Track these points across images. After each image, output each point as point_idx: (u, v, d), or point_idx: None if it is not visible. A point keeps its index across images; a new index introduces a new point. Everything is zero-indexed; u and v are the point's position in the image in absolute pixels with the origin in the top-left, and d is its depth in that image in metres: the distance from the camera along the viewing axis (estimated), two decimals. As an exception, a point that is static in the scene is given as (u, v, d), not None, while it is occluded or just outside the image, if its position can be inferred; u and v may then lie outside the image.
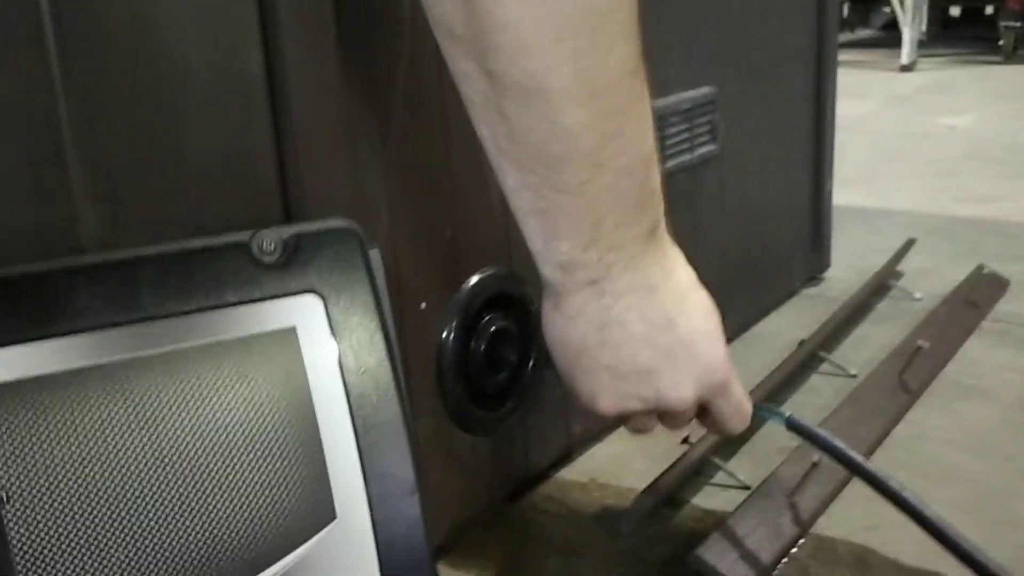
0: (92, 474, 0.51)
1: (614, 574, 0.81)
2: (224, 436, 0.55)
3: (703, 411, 0.67)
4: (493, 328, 0.83)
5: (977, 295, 1.33)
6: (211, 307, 0.57)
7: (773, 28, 1.29)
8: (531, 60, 0.52)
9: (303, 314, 0.59)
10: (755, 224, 1.30)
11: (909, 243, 1.52)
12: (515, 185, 0.58)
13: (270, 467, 0.56)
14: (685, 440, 0.91)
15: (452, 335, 0.79)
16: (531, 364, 0.87)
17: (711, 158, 1.15)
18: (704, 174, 1.15)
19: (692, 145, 1.11)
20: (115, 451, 0.52)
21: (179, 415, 0.54)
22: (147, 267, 0.56)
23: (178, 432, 0.54)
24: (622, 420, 0.67)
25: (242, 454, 0.56)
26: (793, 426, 0.72)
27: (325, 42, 0.65)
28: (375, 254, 0.64)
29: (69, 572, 0.49)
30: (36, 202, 0.54)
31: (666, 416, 0.66)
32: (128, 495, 0.51)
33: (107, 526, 0.51)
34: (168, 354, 0.55)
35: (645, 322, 0.61)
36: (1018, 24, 4.31)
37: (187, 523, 0.53)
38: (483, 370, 0.82)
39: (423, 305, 0.77)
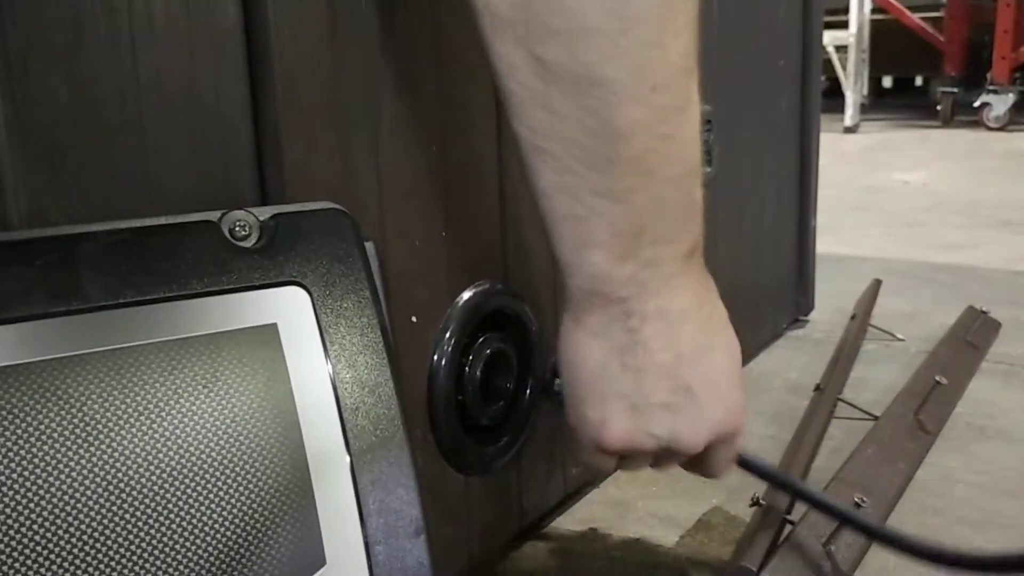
0: (16, 504, 0.39)
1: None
2: (185, 458, 0.43)
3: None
4: (489, 350, 0.72)
5: (974, 336, 1.27)
6: (172, 297, 0.45)
7: (763, 53, 1.23)
8: (591, 49, 0.46)
9: (285, 309, 0.48)
10: (746, 259, 1.22)
11: (877, 284, 1.48)
12: (550, 188, 0.51)
13: (243, 500, 0.44)
14: (755, 503, 0.80)
15: (446, 357, 0.68)
16: (528, 393, 0.76)
17: (705, 181, 1.07)
18: (699, 198, 1.07)
19: (688, 166, 1.03)
20: (47, 471, 0.40)
21: (127, 430, 0.42)
22: (91, 246, 0.44)
23: (126, 453, 0.42)
24: (622, 456, 0.59)
25: (207, 483, 0.44)
26: (744, 463, 0.66)
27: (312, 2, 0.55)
28: (370, 247, 0.54)
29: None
30: (-50, 161, 0.43)
31: (668, 457, 0.59)
32: (61, 527, 0.39)
33: (33, 572, 0.38)
34: (115, 353, 0.43)
35: (672, 351, 0.55)
36: (955, 90, 4.41)
37: (133, 571, 0.41)
38: (478, 398, 0.71)
39: (413, 318, 0.66)
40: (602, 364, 0.56)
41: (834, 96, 4.25)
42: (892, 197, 2.62)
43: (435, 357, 0.68)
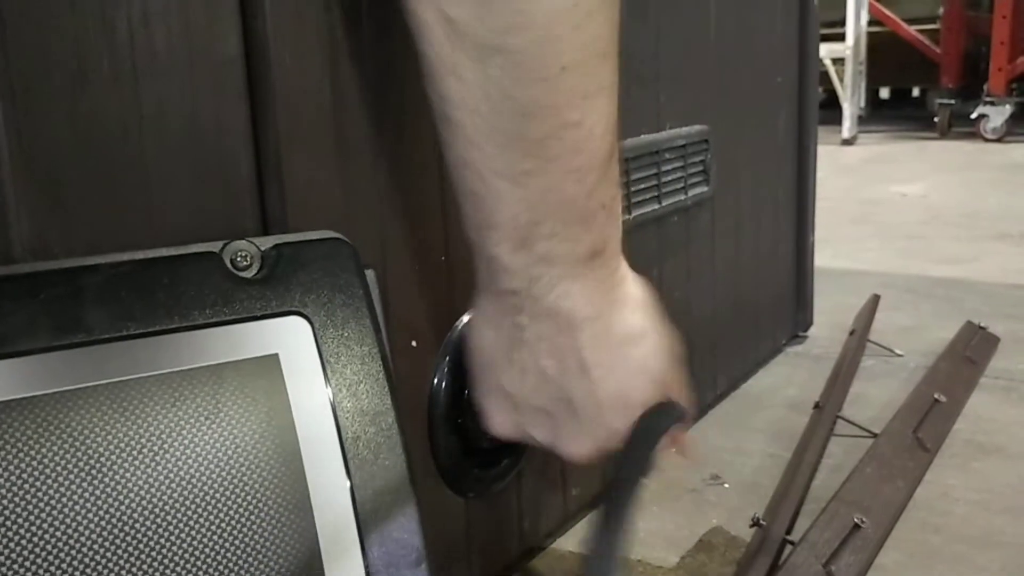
0: (20, 536, 0.39)
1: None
2: (188, 490, 0.44)
3: None
4: (489, 374, 0.72)
5: (972, 351, 1.27)
6: (173, 329, 0.46)
7: (760, 71, 1.24)
8: (497, 13, 0.44)
9: (287, 340, 0.48)
10: (744, 275, 1.22)
11: (875, 299, 1.48)
12: (457, 161, 0.50)
13: (245, 531, 0.44)
14: (756, 523, 0.80)
15: (445, 380, 0.69)
16: (529, 417, 0.77)
17: (703, 200, 1.08)
18: (698, 217, 1.07)
19: (686, 185, 1.03)
20: (51, 505, 0.40)
21: (131, 463, 0.42)
22: (94, 279, 0.45)
23: (129, 486, 0.42)
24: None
25: (209, 513, 0.44)
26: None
27: (312, 30, 0.55)
28: (370, 274, 0.54)
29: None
30: (-46, 195, 0.43)
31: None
32: (65, 560, 0.39)
33: (33, 608, 0.39)
34: (118, 385, 0.43)
35: (556, 359, 0.53)
36: (952, 102, 4.42)
37: (138, 604, 0.41)
38: (478, 422, 0.71)
39: (413, 343, 0.66)
40: (492, 353, 0.55)
41: (831, 108, 4.27)
42: (890, 210, 2.62)
43: (435, 381, 0.69)
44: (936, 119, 4.45)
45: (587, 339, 0.52)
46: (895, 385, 1.21)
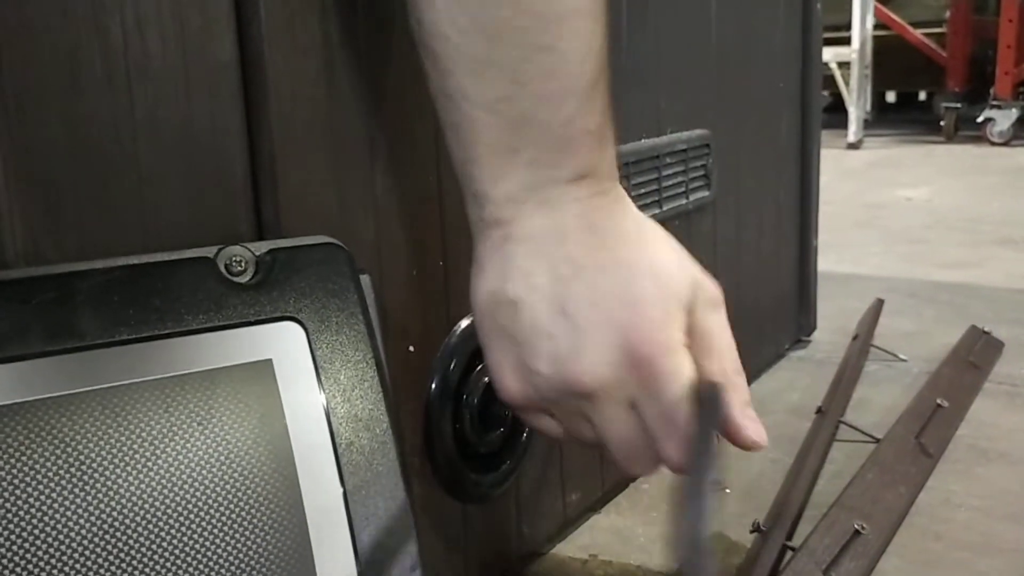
0: (13, 542, 0.39)
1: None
2: (180, 497, 0.43)
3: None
4: (486, 379, 0.72)
5: (976, 356, 1.26)
6: (167, 334, 0.45)
7: (762, 76, 1.23)
8: None
9: (281, 345, 0.48)
10: (746, 280, 1.22)
11: (879, 303, 1.47)
12: (436, 91, 0.50)
13: (238, 537, 0.44)
14: (756, 529, 0.79)
15: (442, 386, 0.69)
16: (528, 422, 0.76)
17: (705, 205, 1.08)
18: (699, 221, 1.07)
19: (687, 190, 1.03)
20: (44, 511, 0.40)
21: (123, 468, 0.42)
22: (88, 284, 0.45)
23: (121, 491, 0.42)
24: (550, 414, 0.52)
25: (202, 520, 0.44)
26: None
27: (306, 33, 0.55)
28: (366, 280, 0.54)
29: None
30: (-52, 200, 0.43)
31: (590, 411, 0.49)
32: (57, 567, 0.39)
33: (22, 615, 0.38)
34: (111, 391, 0.43)
35: (549, 272, 0.49)
36: (958, 105, 4.41)
37: (129, 610, 0.41)
38: (476, 427, 0.71)
39: (411, 348, 0.66)
40: (487, 299, 0.51)
41: (837, 111, 4.26)
42: (895, 214, 2.62)
43: (432, 386, 0.69)
44: (942, 123, 4.44)
45: (580, 247, 0.49)
46: (898, 390, 1.21)
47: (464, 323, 0.71)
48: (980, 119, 4.16)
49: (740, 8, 1.14)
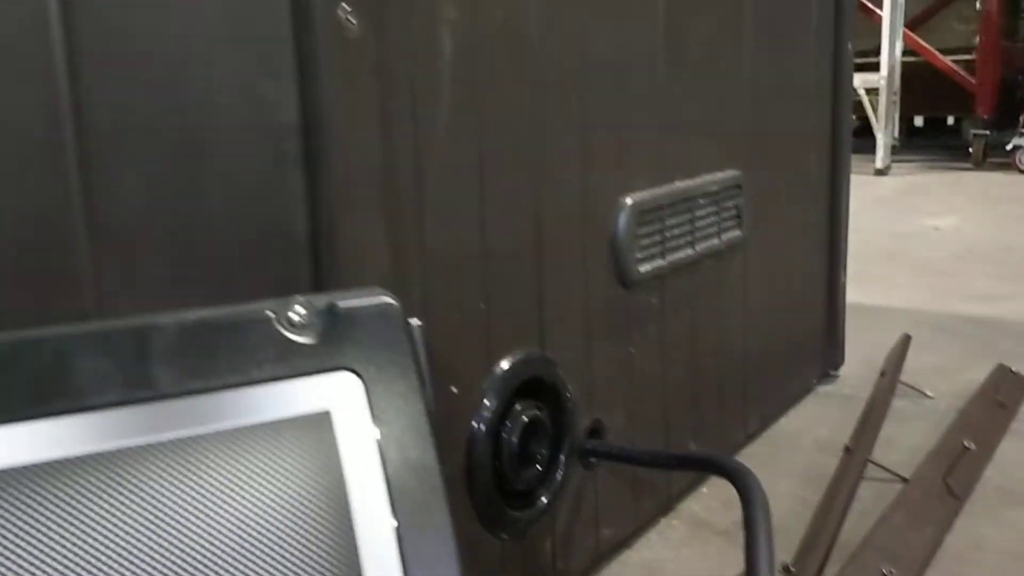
0: (90, 587, 0.42)
1: None
2: (245, 539, 0.46)
3: None
4: (525, 417, 0.74)
5: (1004, 395, 1.27)
6: (234, 385, 0.48)
7: (793, 114, 1.25)
8: None
9: (339, 396, 0.51)
10: (776, 316, 1.24)
11: (907, 339, 1.48)
12: None
13: (297, 578, 0.47)
14: (785, 570, 0.80)
15: (484, 424, 0.71)
16: (563, 458, 0.79)
17: (736, 244, 1.09)
18: (731, 260, 1.09)
19: (720, 230, 1.05)
20: (117, 554, 0.42)
21: (193, 513, 0.45)
22: (161, 337, 0.47)
23: (191, 533, 0.45)
24: None
25: (265, 561, 0.46)
26: None
27: (363, 95, 0.58)
28: (416, 327, 0.56)
29: None
30: (32, 256, 0.46)
31: None
32: (137, 615, 0.42)
33: (105, 654, 0.41)
34: (183, 441, 0.46)
35: None
36: (987, 132, 4.40)
37: (197, 647, 0.44)
38: (515, 464, 0.74)
39: (453, 389, 0.69)
40: None
41: (864, 135, 4.25)
42: (923, 243, 2.61)
43: (474, 425, 0.71)
44: (971, 149, 4.42)
45: None
46: (925, 428, 1.21)
47: (504, 364, 0.73)
48: (1009, 147, 4.15)
49: (773, 49, 1.17)
